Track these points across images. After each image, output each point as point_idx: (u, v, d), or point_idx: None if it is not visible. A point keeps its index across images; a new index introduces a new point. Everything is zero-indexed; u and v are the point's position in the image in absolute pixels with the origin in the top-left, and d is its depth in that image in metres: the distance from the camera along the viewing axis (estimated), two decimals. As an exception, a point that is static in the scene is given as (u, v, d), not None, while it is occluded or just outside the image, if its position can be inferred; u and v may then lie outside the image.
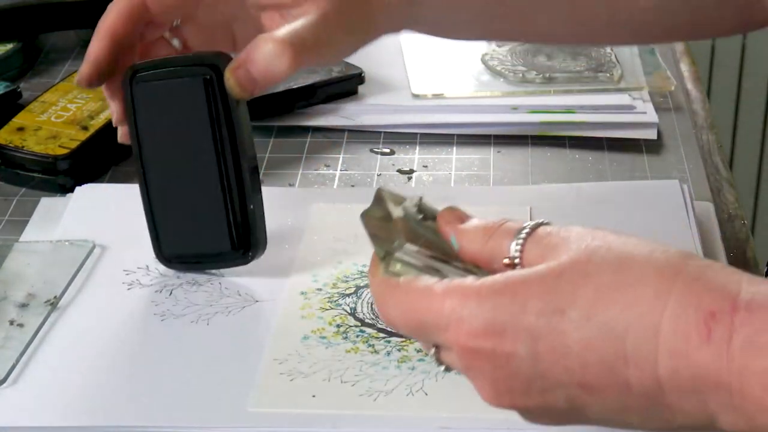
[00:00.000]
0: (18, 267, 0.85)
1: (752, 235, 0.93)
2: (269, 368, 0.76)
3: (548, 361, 0.56)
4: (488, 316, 0.57)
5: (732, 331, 0.53)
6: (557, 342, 0.56)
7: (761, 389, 0.53)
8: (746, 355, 0.53)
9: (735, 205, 0.95)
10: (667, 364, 0.55)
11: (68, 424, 0.72)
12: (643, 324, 0.55)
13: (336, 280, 0.84)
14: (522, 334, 0.56)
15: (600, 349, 0.55)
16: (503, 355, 0.57)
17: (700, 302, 0.54)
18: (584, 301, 0.55)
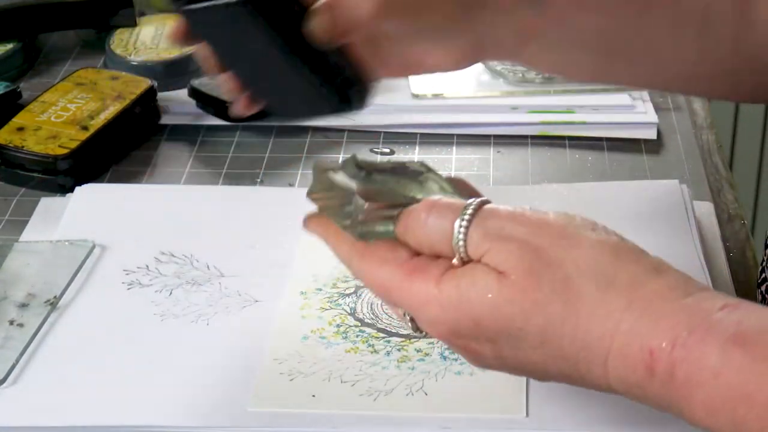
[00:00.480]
0: (18, 267, 0.85)
1: (752, 235, 0.93)
2: (269, 368, 0.76)
3: (513, 364, 0.62)
4: (452, 327, 0.62)
5: (672, 367, 0.56)
6: (519, 355, 0.61)
7: (706, 415, 0.56)
8: (687, 387, 0.56)
9: (735, 205, 0.95)
10: (619, 387, 0.59)
11: (68, 424, 0.72)
12: (591, 354, 0.59)
13: (336, 280, 0.84)
14: (484, 343, 0.62)
15: (557, 366, 0.60)
16: (472, 350, 0.62)
17: (642, 339, 0.57)
18: (535, 328, 0.59)
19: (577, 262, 0.59)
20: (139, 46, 1.13)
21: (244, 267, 0.85)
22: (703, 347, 0.56)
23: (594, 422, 0.71)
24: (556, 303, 0.59)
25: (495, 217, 0.61)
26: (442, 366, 0.76)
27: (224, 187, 0.97)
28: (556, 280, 0.59)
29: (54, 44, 1.21)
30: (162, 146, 1.03)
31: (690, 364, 0.56)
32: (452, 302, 0.61)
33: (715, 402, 0.56)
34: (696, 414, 0.57)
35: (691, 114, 1.07)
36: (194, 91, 1.06)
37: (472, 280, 0.61)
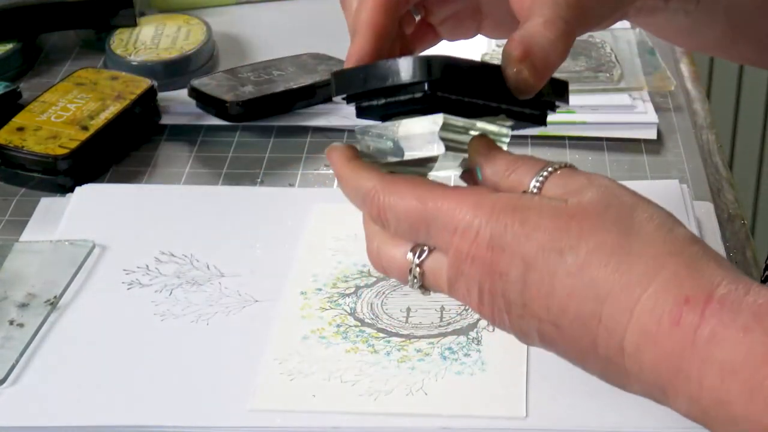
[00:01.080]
0: (18, 267, 0.85)
1: (752, 235, 0.93)
2: (269, 368, 0.76)
3: (533, 294, 0.58)
4: (495, 232, 0.58)
5: (701, 321, 0.55)
6: (546, 280, 0.58)
7: (719, 380, 0.54)
8: (709, 345, 0.54)
9: (735, 205, 0.95)
10: (633, 340, 0.56)
11: (68, 424, 0.72)
12: (624, 294, 0.56)
13: (336, 280, 0.84)
14: (518, 260, 0.58)
15: (580, 301, 0.57)
16: (497, 270, 0.59)
17: (681, 288, 0.56)
18: (584, 250, 0.57)
19: (646, 209, 0.59)
20: (139, 46, 1.13)
21: (244, 267, 0.85)
22: (738, 308, 0.54)
23: (594, 422, 0.71)
24: (613, 232, 0.57)
25: (577, 173, 0.61)
26: (442, 366, 0.76)
27: (224, 187, 0.97)
28: (623, 213, 0.58)
29: (54, 44, 1.21)
30: (162, 146, 1.03)
31: (720, 319, 0.54)
32: (509, 205, 0.59)
33: (735, 362, 0.54)
34: (706, 379, 0.55)
35: (691, 114, 1.07)
36: (194, 91, 1.06)
37: (536, 196, 0.59)
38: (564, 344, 0.59)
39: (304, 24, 1.24)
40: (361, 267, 0.85)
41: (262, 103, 1.05)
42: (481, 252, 0.59)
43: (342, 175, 0.65)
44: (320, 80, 1.07)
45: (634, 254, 0.57)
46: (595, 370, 0.59)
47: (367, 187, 0.63)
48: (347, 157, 0.65)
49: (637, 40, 1.14)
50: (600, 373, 0.59)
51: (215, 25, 1.18)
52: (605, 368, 0.59)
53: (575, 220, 0.58)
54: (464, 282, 0.61)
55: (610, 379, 0.59)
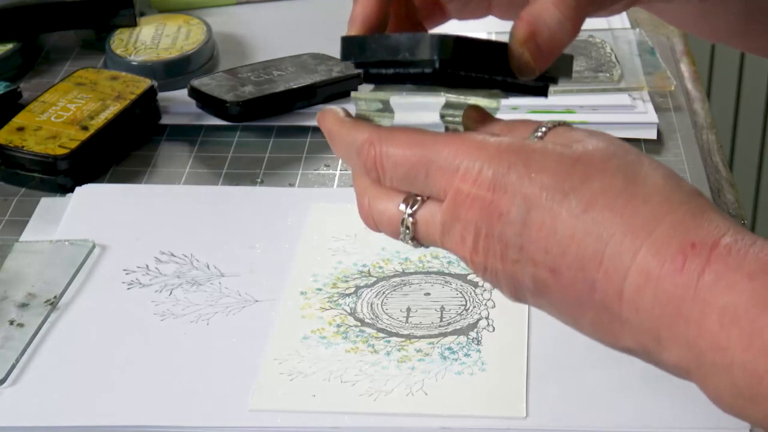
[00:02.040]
0: (18, 267, 0.85)
1: (752, 235, 0.93)
2: (269, 368, 0.76)
3: (533, 235, 0.57)
4: (498, 172, 0.57)
5: (705, 266, 0.54)
6: (548, 220, 0.57)
7: (719, 325, 0.54)
8: (712, 290, 0.54)
9: (735, 205, 0.95)
10: (634, 281, 0.55)
11: (68, 424, 0.72)
12: (628, 237, 0.56)
13: (336, 280, 0.84)
14: (520, 198, 0.57)
15: (582, 242, 0.56)
16: (496, 211, 0.58)
17: (687, 233, 0.55)
18: (588, 193, 0.56)
19: (651, 160, 0.58)
20: (139, 46, 1.13)
21: (244, 267, 0.85)
22: (744, 255, 0.54)
23: (594, 422, 0.71)
24: (619, 177, 0.57)
25: (575, 129, 0.60)
26: (442, 366, 0.76)
27: (224, 187, 0.97)
28: (628, 160, 0.57)
29: (54, 44, 1.21)
30: (162, 146, 1.03)
31: (726, 265, 0.54)
32: (513, 147, 0.58)
33: (738, 307, 0.53)
34: (706, 324, 0.54)
35: (691, 114, 1.07)
36: (194, 91, 1.06)
37: (540, 141, 0.59)
38: (558, 291, 0.58)
39: (304, 24, 1.24)
40: (361, 267, 0.85)
41: (262, 103, 1.05)
42: (482, 192, 0.58)
43: (334, 132, 0.64)
44: (320, 80, 1.07)
45: (639, 198, 0.56)
46: (587, 321, 0.58)
47: (362, 138, 0.62)
48: (340, 116, 0.64)
49: (637, 40, 1.14)
50: (591, 325, 0.58)
51: (215, 25, 1.18)
52: (598, 317, 0.57)
53: (580, 163, 0.57)
54: (460, 227, 0.59)
55: (601, 331, 0.58)
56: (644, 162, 0.58)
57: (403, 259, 0.86)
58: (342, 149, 0.64)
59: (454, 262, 0.85)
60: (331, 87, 1.08)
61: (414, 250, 0.86)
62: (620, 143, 0.59)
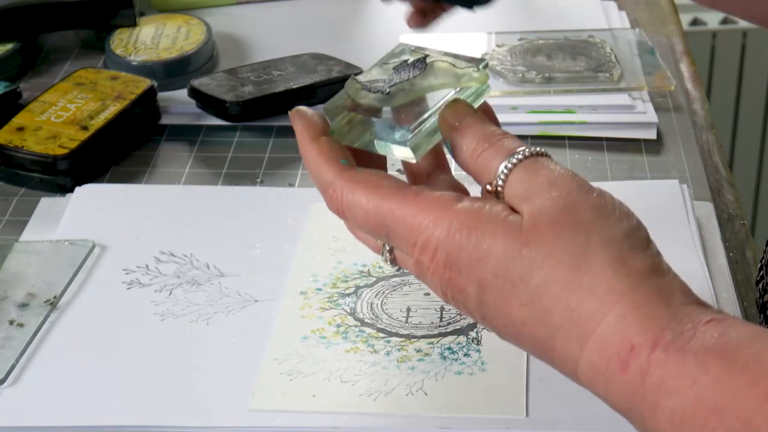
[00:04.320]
0: (18, 267, 0.85)
1: (752, 235, 0.93)
2: (269, 368, 0.76)
3: (490, 313, 0.59)
4: (452, 254, 0.59)
5: (647, 368, 0.55)
6: (501, 305, 0.58)
7: (671, 426, 0.54)
8: (658, 393, 0.54)
9: (735, 205, 0.95)
10: (585, 373, 0.57)
11: (68, 424, 0.72)
12: (574, 331, 0.57)
13: (335, 280, 0.84)
14: (474, 282, 0.59)
15: (534, 330, 0.58)
16: (456, 286, 0.60)
17: (627, 332, 0.55)
18: (534, 283, 0.57)
19: (602, 234, 0.57)
20: (139, 46, 1.13)
21: (244, 267, 0.85)
22: (684, 355, 0.54)
23: (594, 422, 0.71)
24: (566, 264, 0.57)
25: (544, 168, 0.60)
26: (442, 366, 0.76)
27: (224, 187, 0.97)
28: (577, 242, 0.57)
29: (54, 44, 1.21)
30: (162, 146, 1.03)
31: (667, 368, 0.54)
32: (465, 223, 0.59)
33: (685, 412, 0.54)
34: (659, 423, 0.55)
35: (691, 114, 1.07)
36: (194, 91, 1.06)
37: (496, 209, 0.59)
38: (526, 348, 0.60)
39: (304, 24, 1.24)
40: (360, 267, 0.85)
41: (262, 103, 1.05)
42: (440, 269, 0.60)
43: (305, 155, 0.64)
44: (320, 80, 1.07)
45: (584, 290, 0.56)
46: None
47: (327, 180, 0.63)
48: (311, 134, 0.64)
49: (637, 40, 1.14)
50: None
51: (215, 25, 1.18)
52: (569, 379, 0.60)
53: (528, 247, 0.57)
54: (430, 284, 0.62)
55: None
56: (595, 236, 0.57)
57: (403, 259, 0.86)
58: (312, 178, 0.65)
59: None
60: (331, 87, 1.07)
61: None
62: (577, 203, 0.58)
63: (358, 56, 1.13)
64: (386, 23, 1.23)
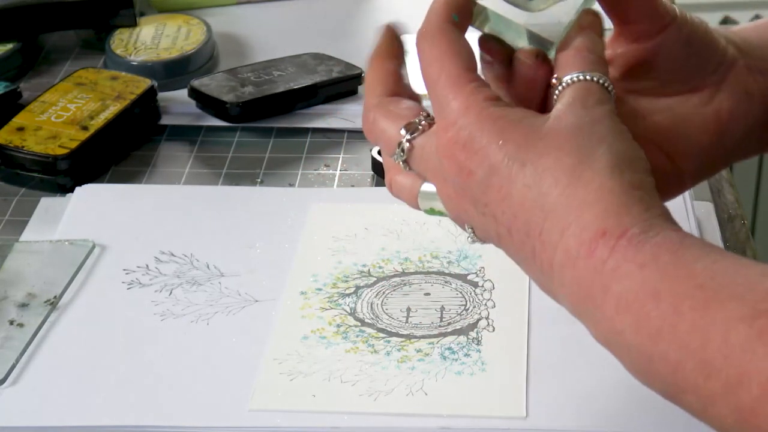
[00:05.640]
0: (18, 267, 0.85)
1: (752, 236, 0.93)
2: (269, 368, 0.76)
3: (492, 195, 0.62)
4: (474, 135, 0.63)
5: (610, 254, 0.58)
6: (505, 185, 0.62)
7: (615, 311, 0.58)
8: (612, 276, 0.58)
9: (735, 205, 0.95)
10: (560, 258, 0.60)
11: (68, 424, 0.72)
12: (563, 215, 0.60)
13: (336, 280, 0.84)
14: (485, 162, 0.62)
15: (529, 211, 0.61)
16: (466, 169, 0.63)
17: (605, 221, 0.59)
18: (541, 167, 0.61)
19: (611, 147, 0.62)
20: (139, 46, 1.13)
21: (244, 267, 0.85)
22: (642, 246, 0.58)
23: (593, 422, 0.71)
24: (573, 156, 0.61)
25: (590, 94, 0.64)
26: (442, 366, 0.76)
27: (224, 187, 0.97)
28: (591, 142, 0.61)
29: (54, 44, 1.21)
30: (162, 146, 1.03)
31: (624, 254, 0.58)
32: (493, 114, 0.62)
33: (629, 295, 0.57)
34: (606, 309, 0.58)
35: (691, 114, 1.07)
36: (194, 91, 1.06)
37: (524, 111, 0.63)
38: (512, 247, 0.63)
39: (304, 24, 1.24)
40: (361, 267, 0.85)
41: (262, 104, 1.05)
42: (457, 150, 0.63)
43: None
44: (320, 80, 1.07)
45: (582, 181, 0.60)
46: (534, 278, 0.63)
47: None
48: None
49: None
50: (538, 282, 0.63)
51: (215, 25, 1.18)
52: (540, 278, 0.62)
53: (545, 139, 0.61)
54: (442, 171, 0.64)
55: (545, 290, 0.63)
56: (605, 140, 0.62)
57: (403, 259, 0.86)
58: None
59: (454, 263, 0.85)
60: (331, 87, 1.08)
61: (414, 251, 0.86)
62: (599, 121, 0.62)
63: (358, 56, 1.13)
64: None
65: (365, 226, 0.89)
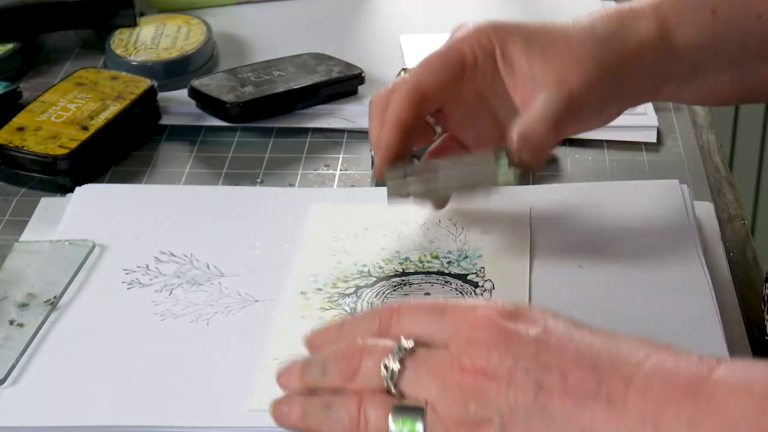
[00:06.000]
0: (18, 267, 0.85)
1: (752, 235, 0.93)
2: (269, 368, 0.76)
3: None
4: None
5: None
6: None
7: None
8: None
9: (735, 205, 0.95)
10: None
11: (68, 424, 0.72)
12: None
13: (336, 280, 0.84)
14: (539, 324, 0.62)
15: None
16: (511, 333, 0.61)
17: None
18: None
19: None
20: (139, 46, 1.13)
21: (244, 267, 0.85)
22: None
23: None
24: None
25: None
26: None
27: (224, 187, 0.97)
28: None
29: (54, 44, 1.21)
30: (162, 146, 1.03)
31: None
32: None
33: None
34: None
35: (691, 114, 1.07)
36: (194, 91, 1.06)
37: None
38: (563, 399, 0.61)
39: (304, 24, 1.24)
40: (361, 267, 0.85)
41: (262, 104, 1.05)
42: (504, 321, 0.62)
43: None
44: (320, 80, 1.07)
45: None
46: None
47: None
48: None
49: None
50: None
51: (215, 25, 1.18)
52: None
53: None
54: (481, 346, 0.62)
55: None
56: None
57: (403, 259, 0.86)
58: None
59: (454, 263, 0.85)
60: (331, 87, 1.08)
61: (414, 251, 0.86)
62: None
63: (358, 56, 1.13)
64: (386, 23, 1.23)
65: (365, 226, 0.89)
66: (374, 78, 1.10)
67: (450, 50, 0.84)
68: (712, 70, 0.85)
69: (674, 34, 0.83)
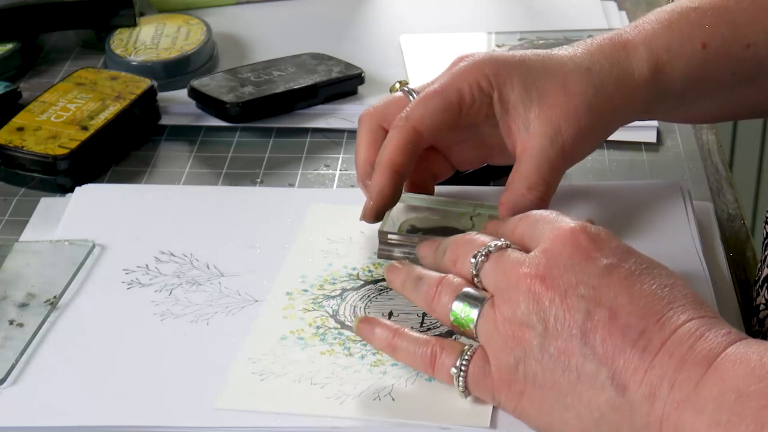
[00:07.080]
0: (18, 267, 0.85)
1: (752, 235, 0.93)
2: (241, 367, 0.75)
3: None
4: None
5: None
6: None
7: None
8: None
9: (735, 205, 0.95)
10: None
11: (68, 424, 0.72)
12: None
13: (323, 282, 0.83)
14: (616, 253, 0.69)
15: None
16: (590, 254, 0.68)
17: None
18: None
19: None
20: (139, 46, 1.13)
21: (244, 267, 0.85)
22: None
23: None
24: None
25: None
26: (414, 371, 0.74)
27: (224, 187, 0.97)
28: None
29: (54, 44, 1.21)
30: (162, 146, 1.04)
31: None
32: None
33: None
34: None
35: (691, 114, 1.07)
36: (194, 91, 1.06)
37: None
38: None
39: (304, 24, 1.24)
40: (350, 270, 0.85)
41: (262, 104, 1.05)
42: (583, 239, 0.69)
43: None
44: (320, 80, 1.07)
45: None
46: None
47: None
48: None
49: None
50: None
51: (215, 25, 1.19)
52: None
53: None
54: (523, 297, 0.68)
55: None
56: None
57: (395, 263, 0.85)
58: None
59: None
60: (331, 87, 1.08)
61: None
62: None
63: (357, 56, 1.13)
64: (386, 23, 1.23)
65: (361, 230, 0.88)
66: (374, 78, 1.10)
67: (449, 88, 0.84)
68: (700, 98, 0.87)
69: (665, 72, 0.85)
